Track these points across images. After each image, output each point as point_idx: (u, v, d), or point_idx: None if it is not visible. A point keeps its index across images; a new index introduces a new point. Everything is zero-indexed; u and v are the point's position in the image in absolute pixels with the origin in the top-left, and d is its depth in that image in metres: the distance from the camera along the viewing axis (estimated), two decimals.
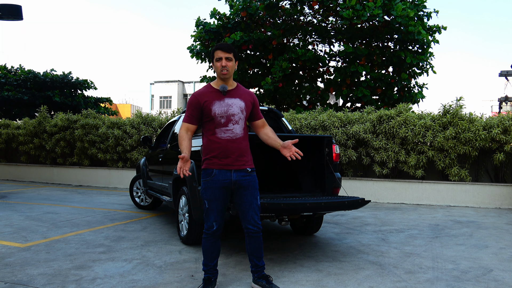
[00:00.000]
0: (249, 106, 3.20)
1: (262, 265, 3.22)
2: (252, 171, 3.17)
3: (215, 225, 3.12)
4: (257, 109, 3.29)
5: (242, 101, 3.16)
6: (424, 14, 11.98)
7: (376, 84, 12.07)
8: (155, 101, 44.97)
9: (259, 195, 3.19)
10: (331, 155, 4.66)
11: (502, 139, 7.86)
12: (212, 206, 3.11)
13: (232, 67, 3.12)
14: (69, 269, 3.69)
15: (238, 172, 3.09)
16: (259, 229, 3.15)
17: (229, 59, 3.10)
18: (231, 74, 3.15)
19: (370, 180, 8.73)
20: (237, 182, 3.09)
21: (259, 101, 13.74)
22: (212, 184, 3.09)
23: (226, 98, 3.12)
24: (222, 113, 3.08)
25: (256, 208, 3.14)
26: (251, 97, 3.25)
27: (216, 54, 3.11)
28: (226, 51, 3.10)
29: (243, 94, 3.21)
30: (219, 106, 3.09)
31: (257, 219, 3.14)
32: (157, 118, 10.87)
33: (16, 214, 6.49)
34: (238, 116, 3.11)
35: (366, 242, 4.87)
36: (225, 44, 3.17)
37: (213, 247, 3.17)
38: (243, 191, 3.11)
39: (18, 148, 12.52)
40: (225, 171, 3.08)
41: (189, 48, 13.54)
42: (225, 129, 3.08)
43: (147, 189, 6.79)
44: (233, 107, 3.11)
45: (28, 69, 19.25)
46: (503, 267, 3.91)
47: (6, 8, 8.34)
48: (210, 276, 3.20)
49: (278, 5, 12.33)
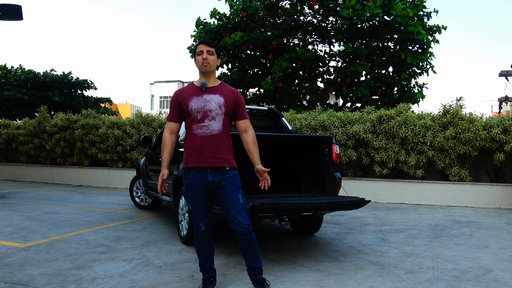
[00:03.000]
0: (229, 103, 3.07)
1: (256, 268, 3.09)
2: (232, 169, 3.06)
3: (202, 226, 3.10)
4: (240, 108, 3.14)
5: (221, 97, 3.06)
6: (424, 14, 11.99)
7: (376, 84, 12.07)
8: (155, 101, 44.99)
9: (241, 193, 3.05)
10: (331, 155, 4.65)
11: (502, 139, 7.86)
12: (195, 208, 3.08)
13: (213, 61, 3.09)
14: (69, 269, 3.69)
15: (215, 172, 3.01)
16: (247, 230, 2.99)
17: (210, 52, 3.08)
18: (213, 69, 3.12)
19: (370, 180, 8.73)
20: (214, 182, 3.01)
21: (259, 101, 13.87)
22: (191, 186, 3.06)
23: (205, 94, 3.06)
24: (199, 109, 3.02)
25: (238, 207, 2.99)
26: (234, 94, 3.13)
27: (198, 48, 3.10)
28: (207, 45, 3.09)
29: (225, 91, 3.11)
30: (196, 102, 3.04)
31: (240, 218, 2.99)
32: (157, 118, 10.87)
33: (16, 214, 6.49)
34: (215, 112, 3.02)
35: (366, 242, 4.87)
36: (207, 39, 3.21)
37: (205, 246, 3.15)
38: (222, 190, 3.01)
39: (18, 148, 12.52)
40: (202, 172, 3.02)
41: (189, 48, 13.55)
42: (201, 125, 3.02)
43: (147, 189, 6.79)
44: (211, 103, 3.03)
45: (28, 69, 19.23)
46: (503, 267, 3.91)
47: (6, 8, 8.33)
48: (209, 276, 3.19)
49: (278, 5, 12.33)
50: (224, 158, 3.04)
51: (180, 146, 5.12)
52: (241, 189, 3.08)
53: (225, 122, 3.07)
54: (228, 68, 13.76)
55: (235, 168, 3.10)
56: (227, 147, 3.07)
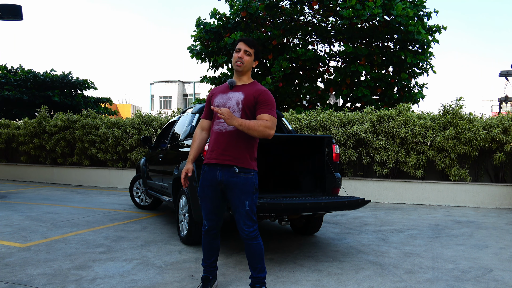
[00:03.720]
0: (249, 100, 2.93)
1: (256, 276, 2.98)
2: (243, 172, 2.90)
3: (206, 224, 3.06)
4: (261, 104, 2.92)
5: (242, 94, 2.95)
6: (424, 14, 11.99)
7: (376, 84, 12.07)
8: (155, 101, 44.97)
9: (249, 200, 2.90)
10: (331, 155, 4.65)
11: (502, 139, 7.86)
12: (202, 204, 3.05)
13: (248, 62, 3.00)
14: (69, 269, 3.69)
15: (224, 171, 2.91)
16: (250, 237, 2.90)
17: (248, 53, 3.00)
18: (247, 69, 3.02)
19: (370, 180, 8.73)
20: (222, 182, 2.92)
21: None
22: (202, 182, 3.03)
23: (230, 92, 3.00)
24: (220, 105, 2.98)
25: (242, 214, 2.89)
26: (257, 92, 2.95)
27: (238, 45, 3.03)
28: (248, 45, 3.01)
29: (249, 89, 2.98)
30: (219, 99, 3.01)
31: (242, 225, 2.90)
32: (157, 118, 10.87)
33: (16, 214, 6.49)
34: (232, 109, 2.93)
35: (366, 242, 4.87)
36: (250, 39, 3.07)
37: (209, 245, 3.12)
38: (229, 192, 2.92)
39: (18, 148, 12.52)
40: (213, 170, 2.96)
41: (189, 48, 13.54)
42: (218, 121, 2.98)
43: (147, 189, 6.79)
44: (231, 100, 2.96)
45: (28, 69, 19.24)
46: (503, 267, 3.91)
47: (6, 8, 8.34)
48: (208, 275, 3.17)
49: (278, 5, 12.33)
50: (235, 156, 2.90)
51: (180, 146, 5.12)
52: (252, 194, 2.93)
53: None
54: (228, 68, 13.75)
55: (248, 171, 2.92)
56: (242, 146, 2.92)
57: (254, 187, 2.94)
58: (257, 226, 2.97)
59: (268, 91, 3.00)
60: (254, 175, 2.96)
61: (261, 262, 2.97)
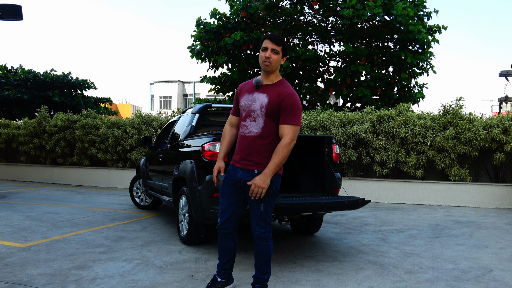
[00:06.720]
0: (272, 104, 2.82)
1: (259, 277, 2.98)
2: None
3: (219, 220, 3.03)
4: (284, 111, 2.81)
5: (266, 98, 2.84)
6: (424, 14, 11.99)
7: (376, 84, 12.07)
8: (155, 101, 44.96)
9: (265, 202, 2.87)
10: (331, 155, 4.65)
11: (502, 139, 7.86)
12: (220, 199, 3.03)
13: (276, 60, 2.86)
14: (69, 269, 3.69)
15: (245, 171, 2.90)
16: (261, 238, 2.90)
17: (275, 51, 2.85)
18: (275, 68, 2.89)
19: (370, 180, 8.73)
20: (241, 181, 2.91)
21: None
22: (224, 178, 3.02)
23: (256, 92, 2.91)
24: (245, 107, 2.93)
25: (256, 214, 2.89)
26: (281, 95, 2.83)
27: (264, 43, 2.88)
28: (274, 43, 2.86)
29: (274, 91, 2.86)
30: (245, 99, 2.95)
31: (255, 225, 2.91)
32: (157, 118, 10.87)
33: (16, 214, 6.49)
34: (256, 113, 2.86)
35: (366, 242, 4.87)
36: (277, 35, 2.90)
37: (222, 245, 3.06)
38: (248, 192, 2.88)
39: (18, 148, 12.52)
40: (235, 169, 2.96)
41: (189, 48, 13.54)
42: (243, 123, 2.94)
43: (147, 189, 6.79)
44: (256, 102, 2.87)
45: (28, 69, 19.24)
46: (503, 267, 3.91)
47: (6, 8, 8.33)
48: (216, 276, 3.11)
49: (278, 5, 12.33)
50: (257, 162, 2.87)
51: (180, 146, 5.13)
52: (269, 197, 2.88)
53: (267, 124, 2.86)
54: (228, 68, 13.75)
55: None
56: (264, 151, 2.86)
57: (273, 190, 2.89)
58: (270, 228, 2.95)
59: (293, 93, 2.87)
60: (274, 178, 2.88)
61: (267, 264, 2.96)
